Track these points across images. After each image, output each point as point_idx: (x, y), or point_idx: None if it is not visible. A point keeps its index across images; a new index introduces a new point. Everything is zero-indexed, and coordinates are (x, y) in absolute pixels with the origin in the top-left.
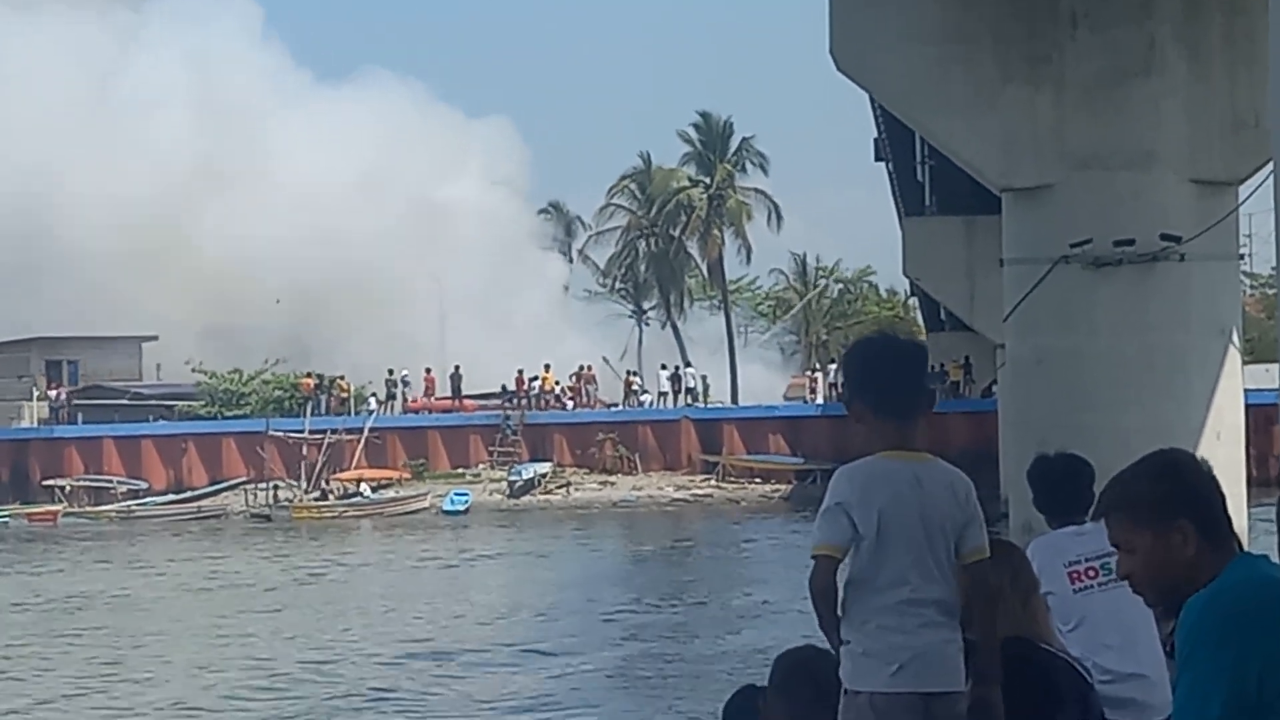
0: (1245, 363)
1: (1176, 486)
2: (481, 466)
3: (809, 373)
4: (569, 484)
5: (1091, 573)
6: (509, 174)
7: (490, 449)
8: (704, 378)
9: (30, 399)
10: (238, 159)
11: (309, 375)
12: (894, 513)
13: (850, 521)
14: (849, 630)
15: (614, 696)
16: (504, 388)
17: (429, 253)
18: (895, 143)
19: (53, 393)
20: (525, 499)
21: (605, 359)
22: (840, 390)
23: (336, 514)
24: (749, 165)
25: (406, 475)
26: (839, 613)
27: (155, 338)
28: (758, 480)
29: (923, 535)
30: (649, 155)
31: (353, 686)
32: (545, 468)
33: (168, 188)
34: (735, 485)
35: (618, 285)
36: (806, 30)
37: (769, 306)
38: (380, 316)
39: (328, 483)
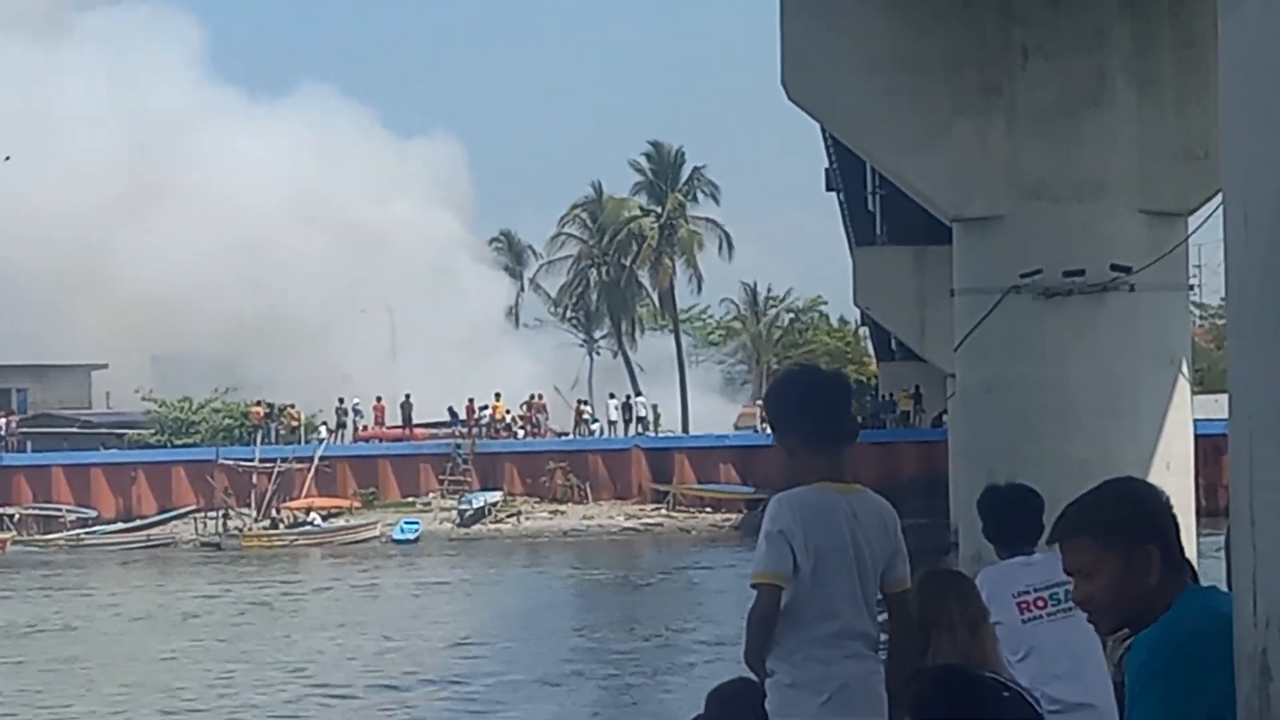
0: (1195, 393)
1: (1143, 512)
2: (432, 495)
3: (760, 402)
4: (519, 513)
5: (1040, 603)
6: (449, 195)
7: (441, 478)
8: (655, 407)
9: None
10: (169, 178)
11: (259, 404)
12: (830, 545)
13: (792, 550)
14: (776, 661)
15: None
16: (451, 410)
17: (370, 276)
18: (846, 172)
19: (0, 421)
20: (475, 528)
21: (556, 388)
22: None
23: (287, 543)
24: (700, 195)
25: (357, 504)
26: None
27: (105, 366)
28: (709, 509)
29: (855, 568)
30: (600, 184)
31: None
32: (495, 497)
33: (98, 209)
34: (686, 514)
35: (569, 314)
36: (758, 60)
37: (720, 336)
38: (319, 343)
39: (278, 511)
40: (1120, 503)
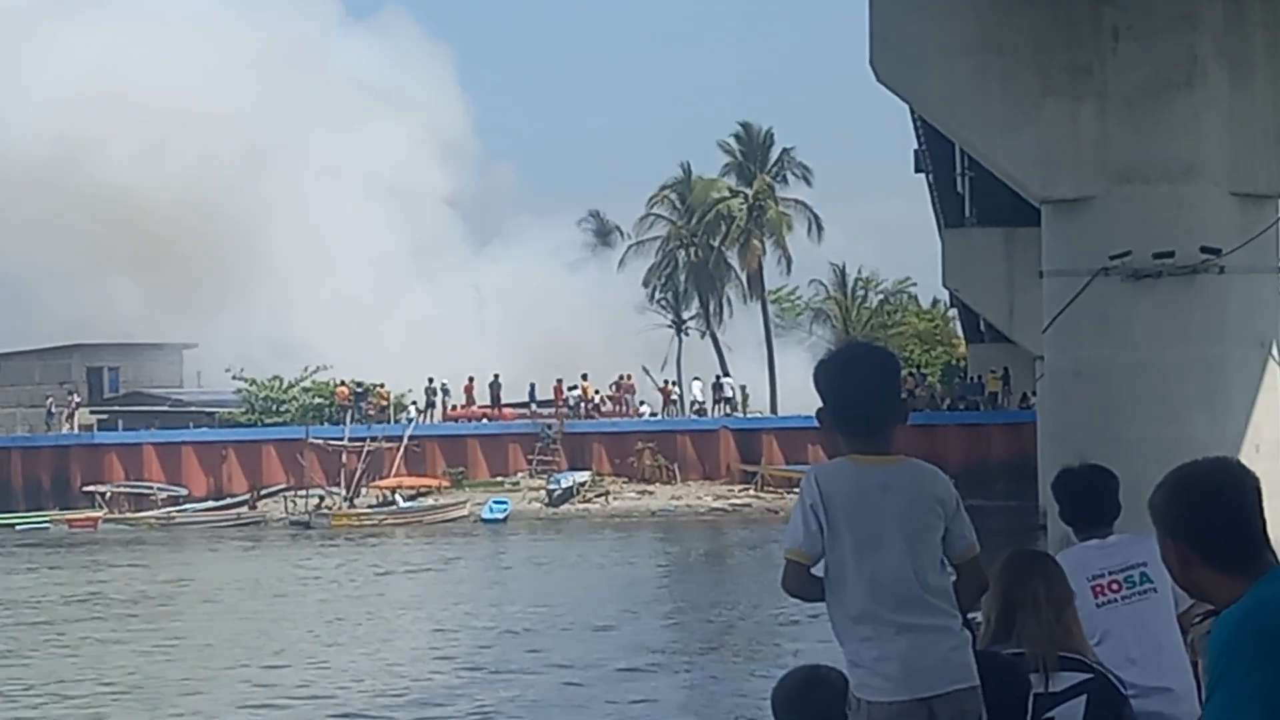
0: None
1: (1172, 507)
2: (520, 475)
3: None
4: (608, 493)
5: (1115, 586)
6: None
7: (529, 457)
8: (743, 387)
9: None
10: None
11: (343, 383)
12: (857, 518)
13: (819, 525)
14: (841, 641)
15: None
16: (532, 387)
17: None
18: (935, 154)
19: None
20: (564, 507)
21: (645, 368)
22: None
23: (376, 522)
24: (790, 176)
25: (445, 483)
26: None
27: (195, 345)
28: (796, 490)
29: (887, 538)
30: (689, 165)
31: (437, 697)
32: (584, 476)
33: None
34: (774, 495)
35: (657, 295)
36: (847, 41)
37: (808, 317)
38: (411, 320)
39: (367, 491)
40: (1164, 490)
